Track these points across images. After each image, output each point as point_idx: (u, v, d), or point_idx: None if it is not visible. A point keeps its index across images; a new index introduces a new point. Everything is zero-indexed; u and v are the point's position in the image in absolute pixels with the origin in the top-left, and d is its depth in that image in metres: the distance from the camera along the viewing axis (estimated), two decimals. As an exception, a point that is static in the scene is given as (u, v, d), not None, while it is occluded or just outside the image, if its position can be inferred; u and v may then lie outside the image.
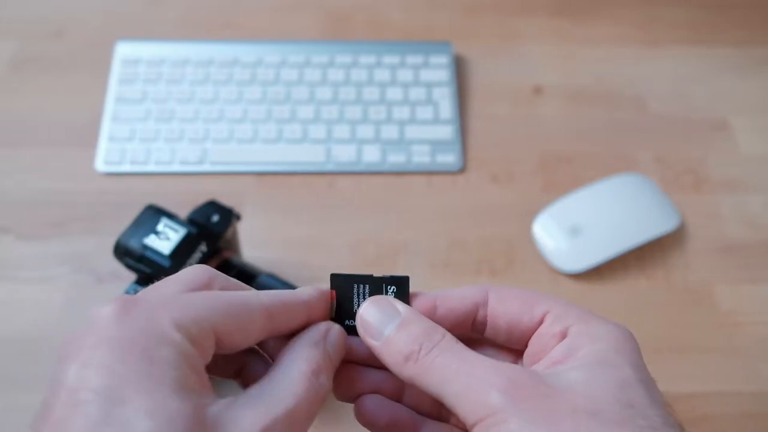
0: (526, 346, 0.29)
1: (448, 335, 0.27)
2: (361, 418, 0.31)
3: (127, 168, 0.60)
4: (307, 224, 0.58)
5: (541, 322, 0.28)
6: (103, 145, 0.61)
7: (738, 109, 0.66)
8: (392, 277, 0.30)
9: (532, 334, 0.29)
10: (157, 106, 0.63)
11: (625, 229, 0.56)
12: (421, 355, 0.27)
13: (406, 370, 0.27)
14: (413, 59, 0.66)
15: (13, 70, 0.66)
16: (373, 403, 0.30)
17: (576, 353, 0.26)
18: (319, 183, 0.60)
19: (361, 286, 0.30)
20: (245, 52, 0.66)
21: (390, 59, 0.66)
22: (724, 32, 0.71)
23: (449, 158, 0.61)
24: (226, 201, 0.49)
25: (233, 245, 0.50)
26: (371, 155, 0.61)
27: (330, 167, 0.61)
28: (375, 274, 0.30)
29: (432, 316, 0.29)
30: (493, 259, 0.56)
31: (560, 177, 0.61)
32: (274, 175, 0.61)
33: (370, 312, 0.29)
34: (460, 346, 0.27)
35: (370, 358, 0.29)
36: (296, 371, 0.27)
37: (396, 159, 0.61)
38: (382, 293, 0.30)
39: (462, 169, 0.61)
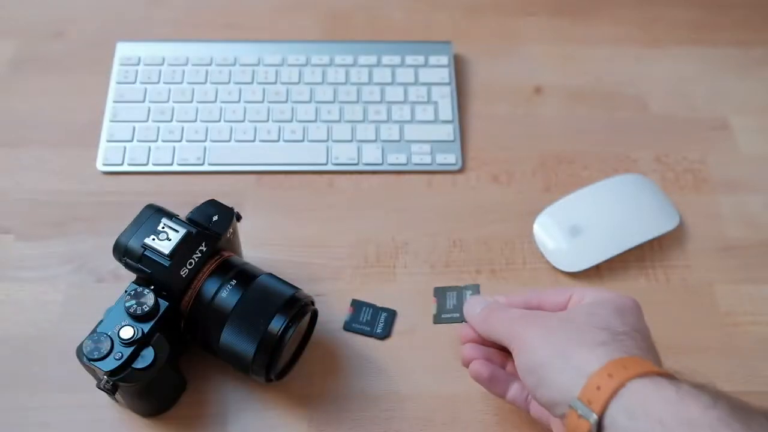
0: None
1: (500, 307, 0.45)
2: (471, 373, 0.45)
3: (127, 168, 0.60)
4: (307, 224, 0.58)
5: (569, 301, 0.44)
6: (103, 145, 0.61)
7: (738, 109, 0.66)
8: (469, 285, 0.54)
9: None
10: (156, 106, 0.63)
11: (625, 229, 0.56)
12: (486, 317, 0.45)
13: (484, 330, 0.44)
14: (413, 59, 0.66)
15: (13, 70, 0.66)
16: (479, 364, 0.45)
17: (576, 305, 0.43)
18: (319, 183, 0.60)
19: (452, 293, 0.53)
20: (245, 52, 0.66)
21: (390, 59, 0.66)
22: (724, 32, 0.71)
23: (449, 158, 0.61)
24: (226, 201, 0.49)
25: (233, 245, 0.50)
26: (371, 155, 0.61)
27: (330, 167, 0.61)
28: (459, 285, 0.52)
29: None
30: (493, 259, 0.56)
31: (560, 177, 0.61)
32: (274, 174, 0.61)
33: (471, 303, 0.47)
34: (507, 310, 0.44)
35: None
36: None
37: (396, 159, 0.61)
38: (464, 297, 0.53)
39: (462, 169, 0.61)
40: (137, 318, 0.43)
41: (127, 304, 0.43)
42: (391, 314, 0.53)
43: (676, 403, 0.33)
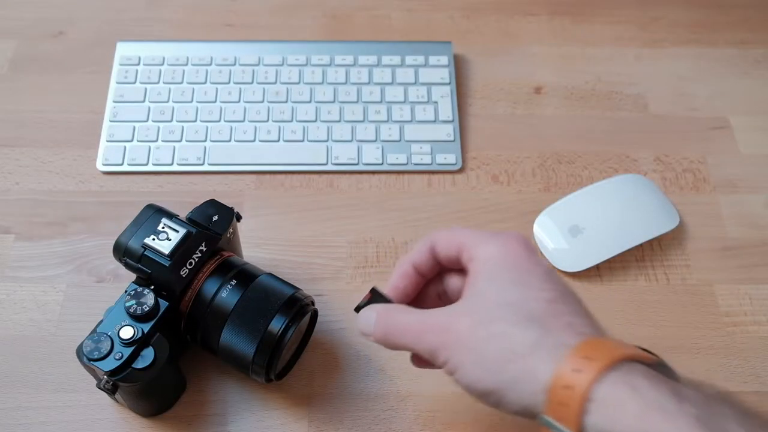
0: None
1: (393, 309, 0.38)
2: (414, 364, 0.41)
3: (127, 168, 0.60)
4: (307, 224, 0.58)
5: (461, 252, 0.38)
6: (103, 145, 0.61)
7: (738, 109, 0.66)
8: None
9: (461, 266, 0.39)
10: (156, 106, 0.63)
11: (625, 229, 0.56)
12: (381, 332, 0.38)
13: (387, 344, 0.38)
14: (413, 59, 0.66)
15: (13, 70, 0.66)
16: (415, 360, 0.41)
17: (472, 277, 0.36)
18: (319, 183, 0.60)
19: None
20: (245, 52, 0.66)
21: (390, 59, 0.66)
22: (724, 32, 0.71)
23: (449, 158, 0.61)
24: (226, 201, 0.49)
25: (233, 245, 0.50)
26: (371, 155, 0.61)
27: (330, 167, 0.61)
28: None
29: (415, 272, 0.40)
30: (493, 259, 0.56)
31: (560, 177, 0.61)
32: (274, 174, 0.61)
33: (359, 323, 0.40)
34: (405, 313, 0.37)
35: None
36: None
37: (396, 159, 0.61)
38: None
39: (462, 169, 0.61)
40: (137, 318, 0.43)
41: (127, 304, 0.43)
42: None
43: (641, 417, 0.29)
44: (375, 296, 0.40)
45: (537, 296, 0.34)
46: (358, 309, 0.40)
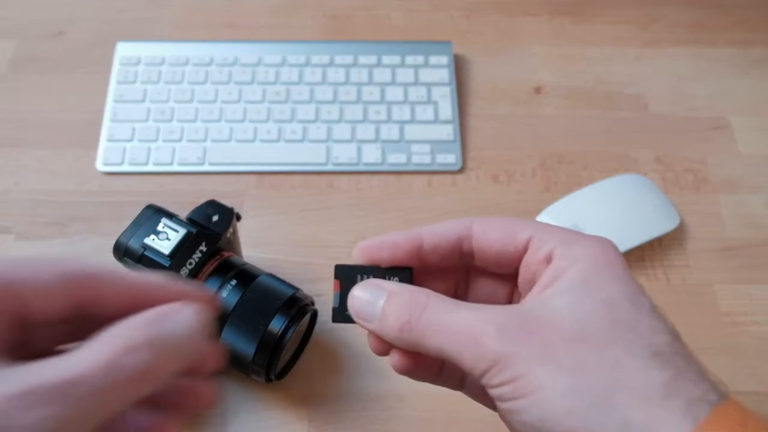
0: (517, 272, 0.30)
1: (433, 295, 0.28)
2: (396, 368, 0.30)
3: (127, 168, 0.60)
4: (307, 224, 0.58)
5: (525, 249, 0.29)
6: (103, 145, 0.61)
7: (738, 109, 0.66)
8: (396, 268, 0.30)
9: (520, 261, 0.29)
10: (157, 106, 0.63)
11: (625, 229, 0.56)
12: (413, 323, 0.27)
13: (406, 341, 0.27)
14: (413, 59, 0.66)
15: (13, 70, 0.66)
16: (400, 357, 0.30)
17: (561, 276, 0.27)
18: (319, 183, 0.60)
19: (365, 276, 0.30)
20: (245, 52, 0.66)
21: (390, 59, 0.66)
22: (724, 32, 0.71)
23: (449, 158, 0.61)
24: (226, 201, 0.49)
25: (233, 245, 0.50)
26: (371, 155, 0.61)
27: (330, 167, 0.61)
28: (381, 266, 0.30)
29: (419, 252, 0.30)
30: (493, 259, 0.56)
31: (560, 177, 0.61)
32: (274, 175, 0.61)
33: (357, 298, 0.29)
34: (447, 303, 0.27)
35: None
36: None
37: (396, 159, 0.61)
38: None
39: (462, 169, 0.61)
40: (137, 318, 0.43)
41: (127, 304, 0.43)
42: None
43: None
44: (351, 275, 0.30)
45: (655, 325, 0.25)
46: (339, 313, 0.30)
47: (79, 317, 0.25)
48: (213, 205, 0.48)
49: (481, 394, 0.32)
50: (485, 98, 0.66)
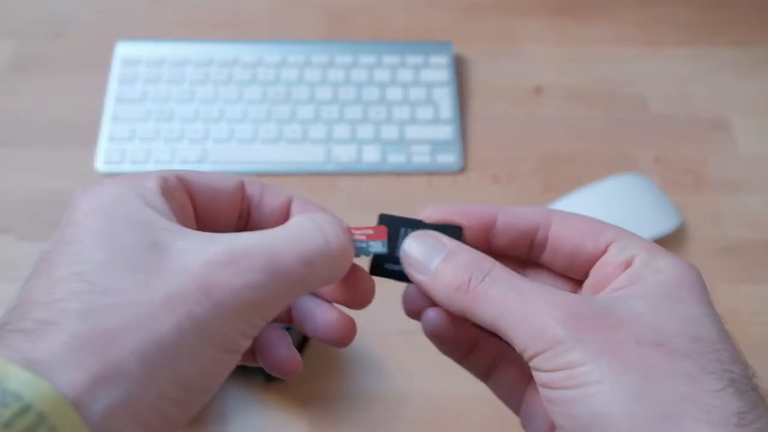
0: (586, 275, 0.28)
1: (499, 264, 0.26)
2: (428, 328, 0.29)
3: (127, 168, 0.60)
4: (307, 224, 0.58)
5: (605, 251, 0.27)
6: (103, 145, 0.61)
7: (738, 109, 0.66)
8: (444, 225, 0.28)
9: (595, 262, 0.28)
10: (157, 106, 0.63)
11: (625, 229, 0.56)
12: (472, 285, 0.25)
13: (458, 303, 0.26)
14: (413, 59, 0.66)
15: (13, 70, 0.66)
16: (439, 315, 0.28)
17: (639, 282, 0.25)
18: (319, 183, 0.60)
19: (410, 230, 0.29)
20: (245, 52, 0.66)
21: (390, 59, 0.66)
22: (724, 32, 0.71)
23: (449, 158, 0.61)
24: (226, 201, 0.49)
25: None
26: (371, 155, 0.61)
27: (330, 167, 0.61)
28: (426, 221, 0.29)
29: (491, 227, 0.29)
30: (493, 259, 0.56)
31: (560, 177, 0.61)
32: (274, 175, 0.61)
33: (414, 246, 0.27)
34: (513, 275, 0.26)
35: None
36: (306, 219, 0.26)
37: (396, 159, 0.61)
38: None
39: (462, 169, 0.61)
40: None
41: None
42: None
43: None
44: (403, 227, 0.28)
45: (734, 354, 0.24)
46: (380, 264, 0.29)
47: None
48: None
49: (507, 390, 0.30)
50: (485, 98, 0.66)
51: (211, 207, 0.27)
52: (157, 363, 0.21)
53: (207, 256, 0.22)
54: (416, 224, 0.29)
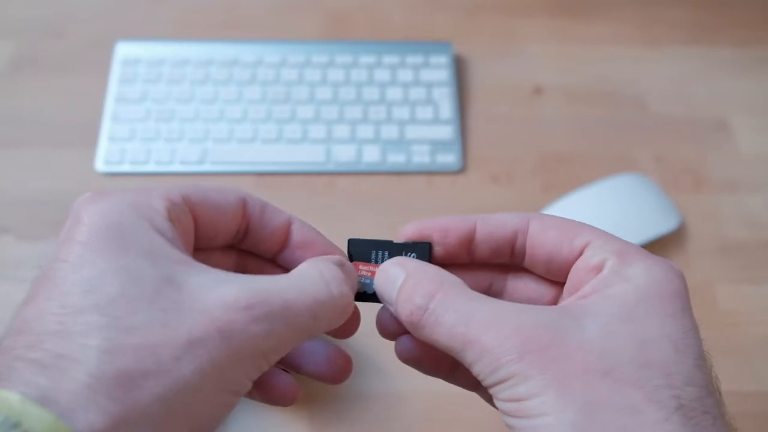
0: (565, 278, 0.28)
1: (448, 285, 0.25)
2: (400, 356, 0.29)
3: (127, 168, 0.60)
4: (307, 224, 0.58)
5: (580, 255, 0.27)
6: (103, 145, 0.61)
7: (738, 109, 0.66)
8: (414, 243, 0.29)
9: (571, 266, 0.27)
10: (157, 106, 0.63)
11: (625, 229, 0.56)
12: (416, 317, 0.25)
13: (415, 332, 0.26)
14: (413, 59, 0.66)
15: (13, 70, 0.66)
16: (410, 342, 0.29)
17: (603, 290, 0.25)
18: (319, 183, 0.60)
19: (380, 252, 0.30)
20: (245, 52, 0.66)
21: (390, 59, 0.66)
22: (724, 32, 0.71)
23: (449, 158, 0.61)
24: (226, 201, 0.49)
25: (233, 245, 0.50)
26: (371, 155, 0.61)
27: (330, 167, 0.61)
28: (395, 240, 0.29)
29: (471, 238, 0.28)
30: (493, 259, 0.56)
31: (560, 177, 0.61)
32: (274, 175, 0.61)
33: (379, 278, 0.28)
34: (467, 298, 0.25)
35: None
36: (311, 269, 0.26)
37: (396, 159, 0.61)
38: None
39: (462, 169, 0.61)
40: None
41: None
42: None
43: None
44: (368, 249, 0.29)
45: (692, 375, 0.23)
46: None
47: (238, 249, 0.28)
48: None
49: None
50: (485, 98, 0.66)
51: (211, 224, 0.27)
52: (178, 406, 0.21)
53: (225, 299, 0.22)
54: (385, 245, 0.29)
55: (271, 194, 0.59)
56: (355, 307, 0.29)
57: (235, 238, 0.29)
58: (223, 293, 0.23)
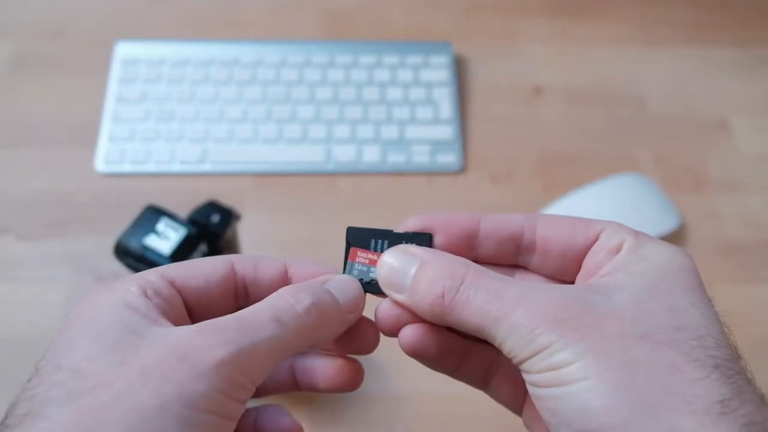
0: (578, 271, 0.28)
1: (474, 267, 0.25)
2: (405, 348, 0.28)
3: (127, 168, 0.60)
4: (307, 224, 0.58)
5: (596, 240, 0.27)
6: (103, 145, 0.61)
7: (738, 109, 0.66)
8: (414, 233, 0.28)
9: (587, 253, 0.27)
10: (157, 106, 0.63)
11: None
12: (448, 298, 0.25)
13: (439, 316, 0.25)
14: (413, 59, 0.66)
15: (13, 70, 0.66)
16: (416, 332, 0.27)
17: (625, 270, 0.25)
18: (319, 183, 0.60)
19: (380, 241, 0.29)
20: (245, 52, 0.66)
21: (390, 59, 0.66)
22: (724, 32, 0.71)
23: (449, 158, 0.61)
24: (226, 201, 0.49)
25: (233, 245, 0.50)
26: (371, 155, 0.61)
27: (330, 167, 0.61)
28: (395, 230, 0.29)
29: (474, 235, 0.28)
30: (493, 259, 0.56)
31: (560, 177, 0.61)
32: (274, 175, 0.61)
33: (386, 265, 0.27)
34: (492, 277, 0.25)
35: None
36: (274, 293, 0.26)
37: (396, 159, 0.61)
38: None
39: (462, 169, 0.61)
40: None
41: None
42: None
43: None
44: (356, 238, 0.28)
45: (720, 339, 0.24)
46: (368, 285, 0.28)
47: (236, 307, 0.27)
48: (213, 205, 0.48)
49: (509, 395, 0.30)
50: (485, 98, 0.66)
51: (202, 297, 0.27)
52: (139, 430, 0.21)
53: (181, 332, 0.23)
54: (385, 235, 0.29)
55: (271, 194, 0.60)
56: (368, 319, 0.29)
57: (236, 301, 0.28)
58: (181, 330, 0.23)
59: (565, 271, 0.28)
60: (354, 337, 0.29)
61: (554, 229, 0.28)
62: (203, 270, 0.27)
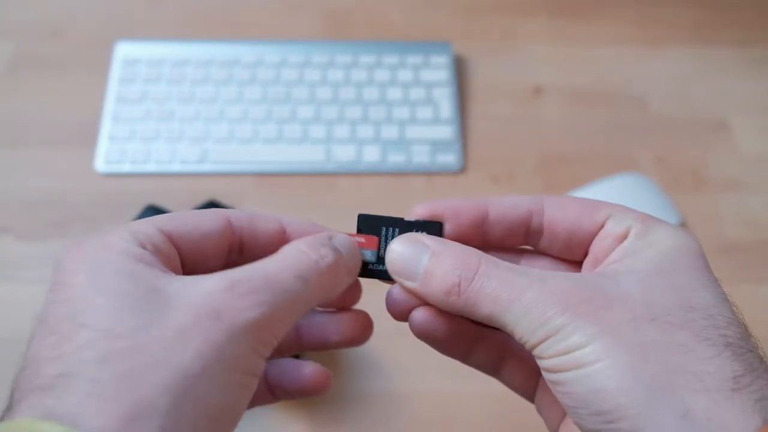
0: (584, 255, 0.28)
1: (485, 258, 0.26)
2: (417, 330, 0.28)
3: (127, 168, 0.60)
4: (307, 224, 0.58)
5: (602, 227, 0.28)
6: (103, 145, 0.61)
7: (738, 109, 0.66)
8: (424, 221, 0.29)
9: (593, 239, 0.28)
10: (157, 106, 0.63)
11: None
12: (463, 287, 0.25)
13: (452, 305, 0.26)
14: (413, 59, 0.66)
15: (13, 70, 0.66)
16: (427, 315, 0.27)
17: (634, 256, 0.26)
18: (319, 183, 0.60)
19: (390, 229, 0.29)
20: (245, 52, 0.66)
21: (390, 59, 0.66)
22: (724, 32, 0.71)
23: (449, 158, 0.61)
24: (226, 201, 0.49)
25: (233, 245, 0.50)
26: (371, 155, 0.61)
27: (330, 167, 0.61)
28: (406, 218, 0.29)
29: (484, 220, 0.28)
30: (493, 259, 0.56)
31: (560, 177, 0.61)
32: (274, 175, 0.61)
33: (397, 253, 0.27)
34: (503, 267, 0.25)
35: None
36: (290, 246, 0.26)
37: (396, 159, 0.61)
38: None
39: (462, 169, 0.61)
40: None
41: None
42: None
43: None
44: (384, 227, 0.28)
45: (731, 318, 0.24)
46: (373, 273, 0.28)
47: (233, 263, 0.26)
48: (213, 205, 0.48)
49: (520, 381, 0.30)
50: (485, 98, 0.66)
51: (197, 247, 0.27)
52: (185, 394, 0.21)
53: (207, 288, 0.23)
54: (396, 222, 0.29)
55: (271, 194, 0.60)
56: (356, 280, 0.29)
57: (230, 256, 0.28)
58: (204, 285, 0.23)
59: (571, 252, 0.29)
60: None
61: (561, 212, 0.28)
62: (200, 224, 0.27)
